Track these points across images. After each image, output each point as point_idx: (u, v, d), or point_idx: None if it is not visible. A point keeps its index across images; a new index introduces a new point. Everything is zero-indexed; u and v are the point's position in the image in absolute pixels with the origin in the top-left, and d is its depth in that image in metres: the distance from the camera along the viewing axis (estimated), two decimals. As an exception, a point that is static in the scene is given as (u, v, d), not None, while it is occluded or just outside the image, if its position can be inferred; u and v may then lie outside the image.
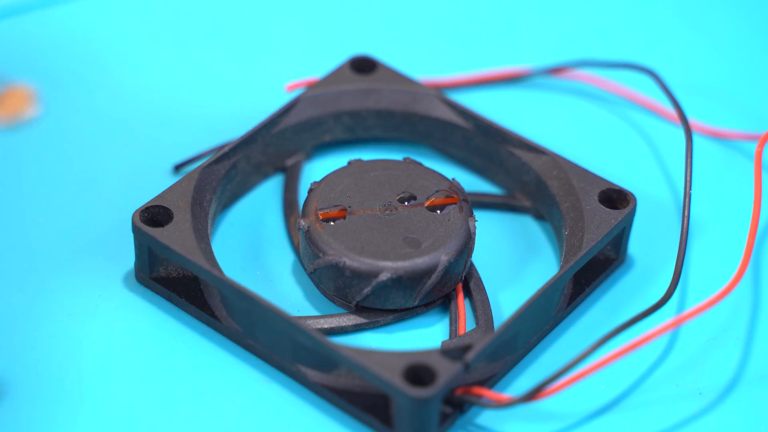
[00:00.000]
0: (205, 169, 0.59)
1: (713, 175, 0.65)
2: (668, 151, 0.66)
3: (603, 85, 0.68)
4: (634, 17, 0.74)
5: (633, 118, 0.67)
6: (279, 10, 0.73)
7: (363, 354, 0.52)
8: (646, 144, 0.66)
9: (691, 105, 0.67)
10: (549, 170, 0.60)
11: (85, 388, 0.54)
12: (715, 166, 0.65)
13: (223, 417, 0.54)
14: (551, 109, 0.68)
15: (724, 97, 0.69)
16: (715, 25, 0.73)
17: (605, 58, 0.69)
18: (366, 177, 0.59)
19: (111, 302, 0.57)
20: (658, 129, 0.67)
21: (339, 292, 0.56)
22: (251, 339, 0.55)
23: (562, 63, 0.69)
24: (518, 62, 0.69)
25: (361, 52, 0.65)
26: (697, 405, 0.55)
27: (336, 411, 0.54)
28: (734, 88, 0.70)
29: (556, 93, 0.69)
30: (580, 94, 0.69)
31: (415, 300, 0.56)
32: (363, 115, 0.63)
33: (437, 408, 0.52)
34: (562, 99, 0.68)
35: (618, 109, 0.68)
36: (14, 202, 0.61)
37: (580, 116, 0.68)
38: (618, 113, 0.68)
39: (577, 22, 0.73)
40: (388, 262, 0.55)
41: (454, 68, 0.69)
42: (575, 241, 0.57)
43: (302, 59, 0.70)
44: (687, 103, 0.66)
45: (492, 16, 0.73)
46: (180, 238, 0.56)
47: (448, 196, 0.58)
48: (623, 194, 0.59)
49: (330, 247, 0.56)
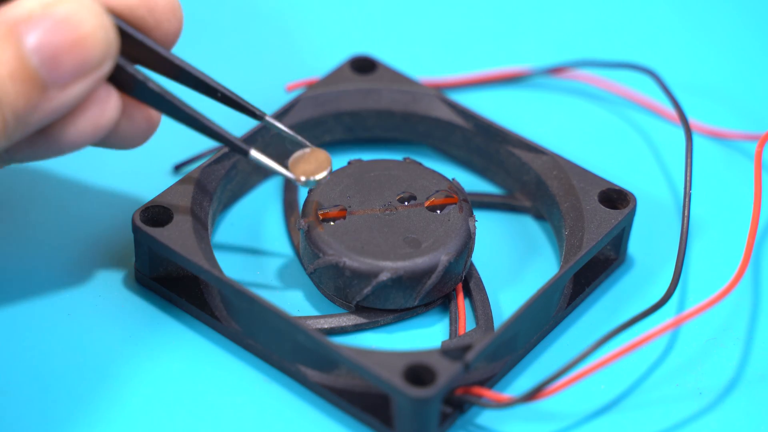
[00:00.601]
0: (205, 169, 0.59)
1: (713, 175, 0.65)
2: (668, 151, 0.66)
3: (603, 85, 0.68)
4: (634, 17, 0.74)
5: (633, 118, 0.67)
6: (279, 10, 0.73)
7: (363, 354, 0.52)
8: (646, 144, 0.66)
9: (691, 105, 0.67)
10: (549, 170, 0.60)
11: (85, 388, 0.54)
12: (715, 166, 0.65)
13: (223, 417, 0.54)
14: (551, 109, 0.68)
15: (724, 97, 0.69)
16: (715, 25, 0.73)
17: (605, 58, 0.69)
18: (366, 177, 0.59)
19: (111, 302, 0.57)
20: (658, 129, 0.67)
21: (339, 292, 0.56)
22: (251, 339, 0.55)
23: (562, 63, 0.69)
24: (518, 62, 0.69)
25: (361, 52, 0.65)
26: (697, 405, 0.55)
27: (336, 411, 0.54)
28: (734, 88, 0.70)
29: (556, 93, 0.69)
30: (580, 94, 0.69)
31: (415, 300, 0.56)
32: (363, 115, 0.63)
33: (437, 408, 0.52)
34: (562, 99, 0.68)
35: (618, 109, 0.68)
36: (14, 202, 0.60)
37: (580, 116, 0.68)
38: (618, 113, 0.68)
39: (577, 21, 0.73)
40: (388, 262, 0.55)
41: (454, 68, 0.69)
42: (575, 241, 0.57)
43: (302, 59, 0.70)
44: (687, 103, 0.66)
45: (492, 17, 0.73)
46: (180, 238, 0.56)
47: (448, 196, 0.58)
48: (623, 194, 0.59)
49: (330, 247, 0.56)
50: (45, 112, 0.50)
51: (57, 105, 0.50)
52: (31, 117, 0.50)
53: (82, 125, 0.52)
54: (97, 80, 0.51)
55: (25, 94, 0.49)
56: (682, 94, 0.67)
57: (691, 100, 0.68)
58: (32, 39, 0.49)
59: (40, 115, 0.50)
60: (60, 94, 0.50)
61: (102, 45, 0.50)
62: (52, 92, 0.50)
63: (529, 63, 0.69)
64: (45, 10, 0.49)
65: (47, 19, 0.49)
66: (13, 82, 0.49)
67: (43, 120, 0.50)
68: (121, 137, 0.54)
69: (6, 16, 0.49)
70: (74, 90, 0.50)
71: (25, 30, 0.49)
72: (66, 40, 0.49)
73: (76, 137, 0.52)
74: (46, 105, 0.50)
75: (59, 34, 0.49)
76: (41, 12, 0.49)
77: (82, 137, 0.52)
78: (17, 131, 0.50)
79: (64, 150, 0.52)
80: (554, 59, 0.69)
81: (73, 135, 0.52)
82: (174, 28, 0.54)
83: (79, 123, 0.51)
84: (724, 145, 0.66)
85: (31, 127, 0.50)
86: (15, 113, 0.49)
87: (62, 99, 0.50)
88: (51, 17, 0.49)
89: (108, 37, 0.50)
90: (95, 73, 0.50)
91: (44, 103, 0.50)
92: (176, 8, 0.53)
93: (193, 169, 0.59)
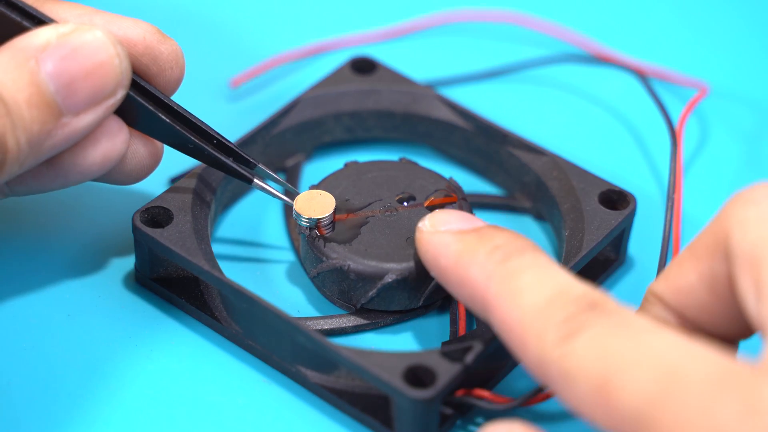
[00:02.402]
0: (205, 170, 0.59)
1: (713, 175, 0.65)
2: (668, 151, 0.65)
3: (603, 85, 0.68)
4: (634, 16, 0.74)
5: (633, 118, 0.67)
6: (279, 10, 0.72)
7: (363, 355, 0.52)
8: (646, 144, 0.66)
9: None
10: (549, 171, 0.60)
11: (84, 388, 0.54)
12: (715, 165, 0.65)
13: (222, 418, 0.54)
14: (551, 109, 0.68)
15: (751, 99, 0.69)
16: (716, 25, 0.73)
17: (589, 56, 0.69)
18: (363, 179, 0.59)
19: (111, 302, 0.57)
20: (659, 129, 0.67)
21: (343, 295, 0.56)
22: (251, 340, 0.55)
23: (561, 63, 0.69)
24: (518, 62, 0.69)
25: (361, 53, 0.65)
26: (696, 406, 0.55)
27: (336, 412, 0.54)
28: (735, 87, 0.70)
29: (556, 93, 0.69)
30: (580, 93, 0.69)
31: (419, 300, 0.56)
32: (363, 115, 0.63)
33: (437, 409, 0.52)
34: (562, 99, 0.68)
35: (618, 109, 0.68)
36: (15, 203, 0.60)
37: (580, 116, 0.68)
38: (618, 113, 0.68)
39: (578, 21, 0.73)
40: (392, 263, 0.55)
41: (455, 68, 0.69)
42: (575, 242, 0.57)
43: (302, 59, 0.69)
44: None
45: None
46: (180, 239, 0.56)
47: (447, 196, 0.58)
48: (623, 195, 0.59)
49: (333, 251, 0.56)
50: (58, 138, 0.51)
51: (70, 132, 0.51)
52: (44, 143, 0.51)
53: (92, 156, 0.53)
54: (110, 108, 0.52)
55: (40, 120, 0.50)
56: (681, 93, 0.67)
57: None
58: (49, 66, 0.50)
59: (54, 141, 0.51)
60: (74, 120, 0.51)
61: (116, 74, 0.52)
62: (66, 119, 0.51)
63: (528, 63, 0.69)
64: (61, 39, 0.51)
65: (64, 47, 0.51)
66: (29, 107, 0.50)
67: (56, 147, 0.51)
68: (124, 171, 0.55)
69: (24, 44, 0.51)
70: (88, 117, 0.52)
71: (43, 57, 0.50)
72: (82, 67, 0.51)
73: (85, 168, 0.53)
74: (60, 131, 0.51)
75: (75, 62, 0.51)
76: (58, 41, 0.51)
77: (90, 168, 0.53)
78: (30, 157, 0.51)
79: (70, 182, 0.54)
80: (554, 59, 0.69)
81: (83, 166, 0.53)
82: (176, 76, 0.55)
83: (89, 153, 0.53)
84: (721, 143, 0.66)
85: (43, 154, 0.51)
86: (30, 138, 0.50)
87: (76, 126, 0.51)
88: (68, 45, 0.51)
89: (122, 66, 0.52)
90: (109, 101, 0.52)
91: (58, 130, 0.51)
92: (179, 57, 0.55)
93: (193, 169, 0.59)
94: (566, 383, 0.45)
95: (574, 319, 0.46)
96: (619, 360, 0.44)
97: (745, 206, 0.46)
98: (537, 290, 0.47)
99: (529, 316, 0.47)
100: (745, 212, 0.46)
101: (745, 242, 0.46)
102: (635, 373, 0.43)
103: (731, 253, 0.46)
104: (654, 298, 0.50)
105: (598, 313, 0.46)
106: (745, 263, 0.45)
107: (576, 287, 0.47)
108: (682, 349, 0.44)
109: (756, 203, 0.46)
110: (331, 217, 0.56)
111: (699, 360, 0.43)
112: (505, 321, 0.48)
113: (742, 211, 0.46)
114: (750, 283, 0.45)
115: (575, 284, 0.48)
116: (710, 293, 0.48)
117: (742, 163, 0.66)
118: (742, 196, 0.47)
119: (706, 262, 0.48)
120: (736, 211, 0.47)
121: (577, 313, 0.46)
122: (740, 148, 0.66)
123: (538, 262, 0.49)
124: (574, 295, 0.47)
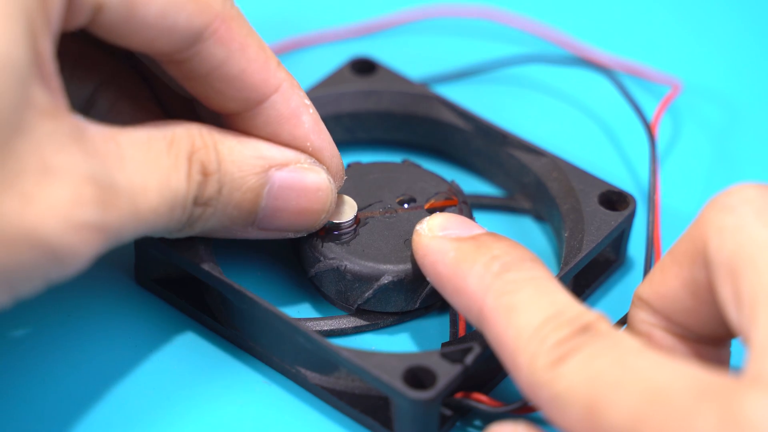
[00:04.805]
0: (205, 170, 0.59)
1: (712, 175, 0.65)
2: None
3: (603, 85, 0.68)
4: (633, 17, 0.74)
5: (633, 118, 0.67)
6: (280, 9, 0.73)
7: (363, 356, 0.52)
8: (646, 145, 0.66)
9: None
10: (549, 172, 0.60)
11: (83, 389, 0.54)
12: (713, 165, 0.65)
13: (222, 418, 0.54)
14: (551, 109, 0.68)
15: (723, 96, 0.69)
16: (715, 25, 0.73)
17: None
18: (365, 180, 0.59)
19: (111, 303, 0.57)
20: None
21: (340, 295, 0.56)
22: (251, 341, 0.55)
23: (561, 63, 0.69)
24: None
25: (361, 54, 0.65)
26: (696, 407, 0.55)
27: (336, 413, 0.54)
28: (734, 87, 0.70)
29: (557, 92, 0.69)
30: (579, 93, 0.69)
31: (416, 303, 0.56)
32: (363, 116, 0.63)
33: (437, 410, 0.52)
34: (562, 98, 0.68)
35: (618, 110, 0.68)
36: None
37: (579, 116, 0.68)
38: (618, 114, 0.68)
39: (578, 21, 0.73)
40: (389, 265, 0.55)
41: (454, 68, 0.69)
42: (575, 243, 0.57)
43: (302, 59, 0.70)
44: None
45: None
46: (180, 240, 0.56)
47: (447, 198, 0.58)
48: (623, 196, 0.59)
49: (331, 251, 0.56)
50: (232, 235, 0.54)
51: (242, 235, 0.54)
52: (217, 232, 0.53)
53: None
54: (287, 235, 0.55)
55: (232, 219, 0.52)
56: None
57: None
58: (276, 186, 0.52)
59: (229, 235, 0.54)
60: (254, 232, 0.54)
61: (313, 223, 0.54)
62: (251, 229, 0.53)
63: (528, 62, 0.69)
64: (297, 170, 0.53)
65: (299, 182, 0.53)
66: (234, 206, 0.52)
67: (223, 236, 0.54)
68: None
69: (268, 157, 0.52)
70: (263, 234, 0.54)
71: (279, 175, 0.52)
72: (296, 206, 0.53)
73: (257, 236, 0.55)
74: (238, 233, 0.54)
75: (295, 199, 0.53)
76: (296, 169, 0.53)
77: None
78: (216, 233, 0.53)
79: None
80: (554, 59, 0.69)
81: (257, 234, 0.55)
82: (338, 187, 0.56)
83: None
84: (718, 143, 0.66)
85: (216, 233, 0.53)
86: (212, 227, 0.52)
87: (250, 234, 0.54)
88: (302, 182, 0.53)
89: (322, 220, 0.55)
90: (288, 235, 0.55)
91: (238, 232, 0.53)
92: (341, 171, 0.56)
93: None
94: (556, 406, 0.46)
95: (566, 343, 0.46)
96: (606, 382, 0.45)
97: (722, 213, 0.47)
98: (532, 310, 0.48)
99: (523, 337, 0.47)
100: (722, 220, 0.46)
101: (723, 252, 0.46)
102: (621, 393, 0.44)
103: (710, 262, 0.46)
104: (640, 302, 0.50)
105: (590, 337, 0.46)
106: (724, 273, 0.46)
107: (570, 308, 0.48)
108: (667, 368, 0.44)
109: (731, 210, 0.46)
110: (353, 221, 0.57)
111: (681, 376, 0.44)
112: (500, 337, 0.48)
113: (719, 218, 0.47)
114: (730, 293, 0.45)
115: (570, 304, 0.48)
116: (694, 299, 0.48)
117: (715, 159, 0.66)
118: (718, 202, 0.47)
119: (687, 269, 0.48)
120: (713, 219, 0.47)
121: (569, 336, 0.46)
122: (712, 144, 0.67)
123: (535, 275, 0.49)
124: (567, 317, 0.47)
